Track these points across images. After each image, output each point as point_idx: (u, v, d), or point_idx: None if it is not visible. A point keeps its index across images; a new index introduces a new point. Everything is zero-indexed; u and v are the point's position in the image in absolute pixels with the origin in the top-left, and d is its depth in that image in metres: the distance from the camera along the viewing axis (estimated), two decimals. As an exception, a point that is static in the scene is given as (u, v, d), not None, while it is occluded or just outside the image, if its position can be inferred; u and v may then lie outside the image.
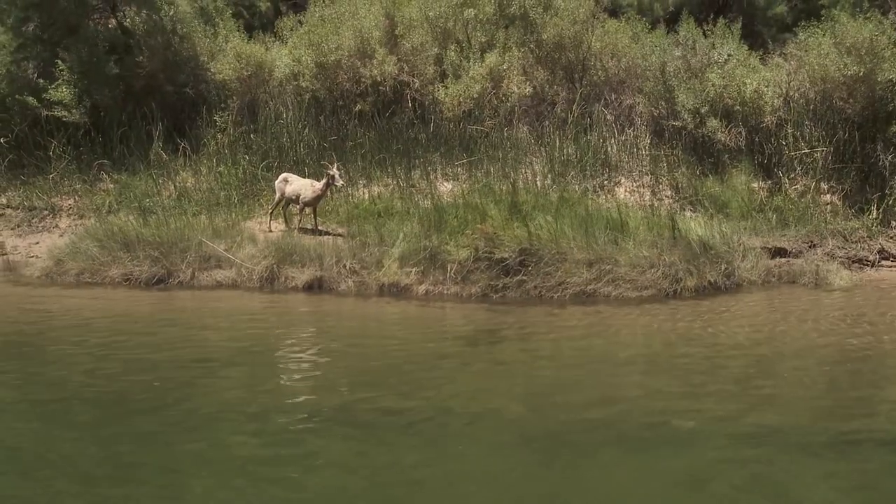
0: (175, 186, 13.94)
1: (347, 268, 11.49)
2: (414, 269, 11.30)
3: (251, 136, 14.37)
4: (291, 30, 15.65)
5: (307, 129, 14.25)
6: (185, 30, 15.29)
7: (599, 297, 10.92)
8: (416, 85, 13.94)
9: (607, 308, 10.67)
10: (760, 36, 16.42)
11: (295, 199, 12.42)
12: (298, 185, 12.37)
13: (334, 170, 12.03)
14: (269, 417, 7.28)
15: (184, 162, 14.34)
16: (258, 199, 13.57)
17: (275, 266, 11.59)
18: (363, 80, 13.92)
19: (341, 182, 12.23)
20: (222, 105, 14.87)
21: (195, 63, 15.16)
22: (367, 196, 13.30)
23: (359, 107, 14.05)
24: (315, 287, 11.46)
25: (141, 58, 14.78)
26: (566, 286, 10.96)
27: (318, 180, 12.42)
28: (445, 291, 11.14)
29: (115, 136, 14.41)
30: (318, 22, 14.58)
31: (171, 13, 15.23)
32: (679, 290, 11.05)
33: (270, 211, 12.76)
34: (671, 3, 16.16)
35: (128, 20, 15.24)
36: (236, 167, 13.90)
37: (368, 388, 8.05)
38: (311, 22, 14.72)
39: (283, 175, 12.63)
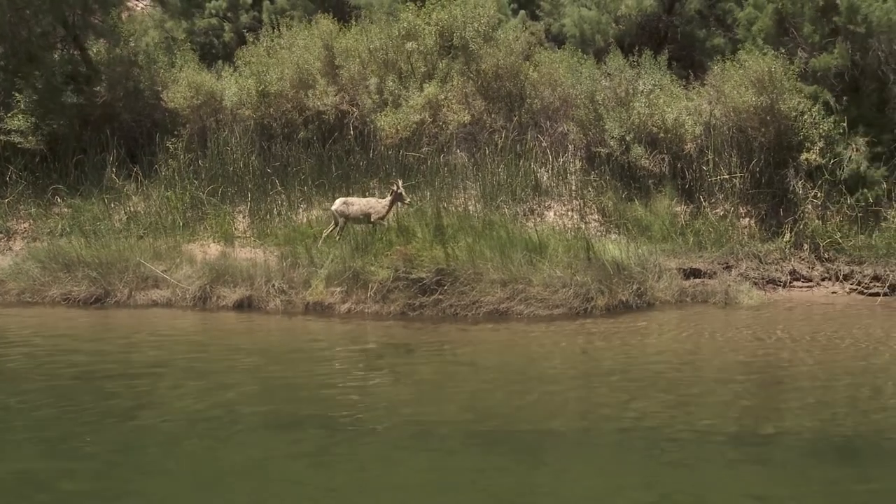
0: (126, 211, 14.69)
1: (276, 287, 12.25)
2: (338, 289, 12.03)
3: (199, 162, 15.13)
4: (247, 60, 16.43)
5: (253, 156, 15.01)
6: (145, 60, 16.11)
7: (512, 315, 11.68)
8: (356, 114, 14.69)
9: (518, 325, 11.43)
10: (701, 66, 17.09)
11: (364, 218, 12.89)
12: (364, 205, 12.93)
13: (401, 188, 12.76)
14: (209, 425, 8.09)
15: (135, 187, 15.10)
16: (202, 223, 14.30)
17: (208, 286, 12.38)
18: (306, 109, 14.70)
19: (409, 198, 13.00)
20: (175, 132, 15.62)
21: (151, 92, 15.96)
22: (305, 220, 14.01)
23: (302, 134, 14.80)
24: (245, 306, 12.27)
25: (99, 87, 15.55)
26: (480, 305, 11.72)
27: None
28: (366, 310, 11.92)
29: (71, 162, 15.20)
30: (263, 52, 15.37)
31: (132, 44, 16.06)
32: (590, 308, 11.79)
33: (338, 235, 12.92)
34: (612, 35, 16.91)
35: (89, 49, 16.04)
36: (183, 192, 14.65)
37: (289, 399, 8.88)
38: (256, 52, 15.51)
39: (342, 199, 13.07)
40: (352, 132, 15.00)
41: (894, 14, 12.76)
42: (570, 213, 14.15)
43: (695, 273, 12.91)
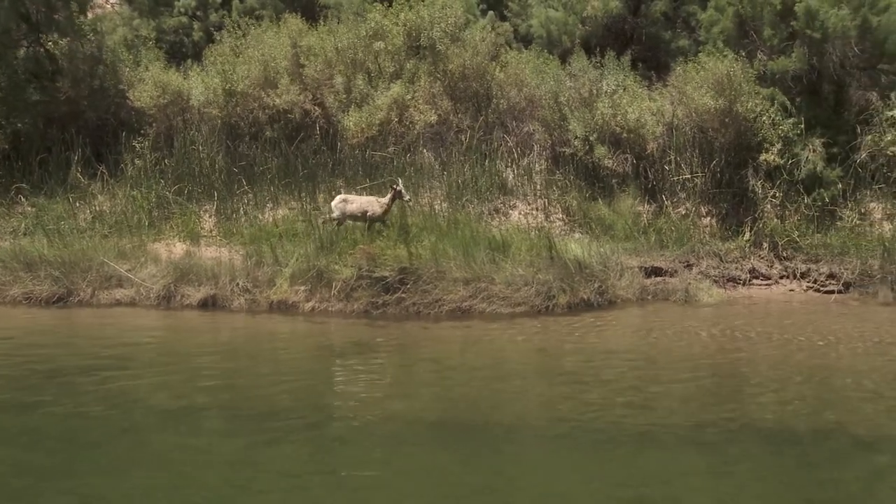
0: (91, 210, 14.72)
1: (240, 286, 12.36)
2: (302, 287, 12.17)
3: (166, 161, 15.19)
4: (214, 59, 16.49)
5: (220, 155, 15.10)
6: (110, 58, 16.12)
7: (474, 313, 11.90)
8: (318, 112, 14.83)
9: (479, 323, 11.63)
10: (667, 67, 17.36)
11: (361, 217, 12.90)
12: (363, 203, 12.94)
13: (401, 185, 12.77)
14: (180, 418, 8.32)
15: (101, 186, 15.13)
16: (168, 222, 14.38)
17: (172, 285, 12.47)
18: (269, 107, 14.81)
19: (408, 196, 12.98)
20: (141, 131, 15.67)
21: (117, 91, 15.98)
22: (271, 219, 14.11)
23: (268, 133, 14.91)
24: (209, 304, 12.37)
25: (60, 83, 15.54)
26: (443, 303, 11.92)
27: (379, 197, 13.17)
28: (330, 308, 12.07)
29: (35, 160, 15.20)
30: (229, 51, 15.47)
31: (92, 39, 16.05)
32: (551, 306, 12.01)
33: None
34: (578, 36, 17.15)
35: (49, 44, 16.00)
36: (149, 191, 14.71)
37: (254, 397, 9.00)
38: (222, 52, 15.59)
39: (341, 196, 13.11)
40: (318, 132, 15.12)
41: (848, 21, 13.07)
42: (534, 212, 14.37)
43: (656, 271, 13.18)
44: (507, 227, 13.66)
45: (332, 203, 12.98)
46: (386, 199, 12.83)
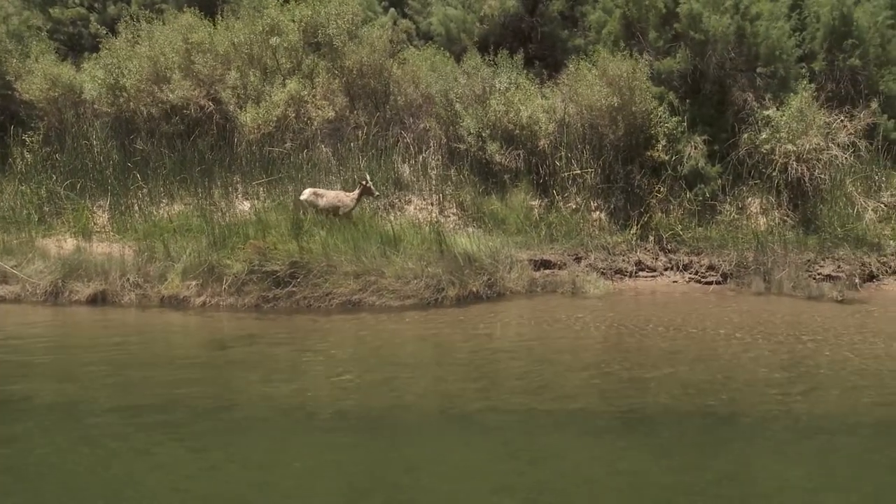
0: (-25, 205, 14.62)
1: (131, 281, 12.50)
2: (194, 282, 12.37)
3: (58, 156, 15.16)
4: (108, 52, 16.45)
5: (114, 150, 15.14)
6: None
7: (364, 306, 12.27)
8: (213, 108, 15.00)
9: (369, 316, 12.00)
10: (564, 65, 18.06)
11: (332, 210, 13.28)
12: (333, 197, 13.37)
13: (369, 181, 13.27)
14: (82, 416, 8.34)
15: (-12, 181, 15.03)
16: (60, 218, 14.37)
17: (60, 281, 12.50)
18: (163, 103, 14.92)
19: (378, 192, 13.49)
20: (32, 125, 15.59)
21: (3, 82, 15.84)
22: (166, 214, 14.25)
23: (164, 128, 15.02)
24: (98, 300, 12.45)
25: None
26: (333, 296, 12.27)
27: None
28: (221, 303, 12.30)
29: (-87, 154, 15.02)
30: (123, 45, 15.51)
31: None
32: (441, 299, 12.48)
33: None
34: (476, 34, 17.71)
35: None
36: (39, 186, 14.67)
37: (144, 393, 9.10)
38: (116, 45, 15.61)
39: (311, 190, 13.47)
40: (214, 127, 15.30)
41: (726, 26, 13.93)
42: (429, 207, 14.85)
43: (546, 264, 13.79)
44: (402, 221, 14.07)
45: (303, 197, 13.32)
46: (354, 194, 13.33)
